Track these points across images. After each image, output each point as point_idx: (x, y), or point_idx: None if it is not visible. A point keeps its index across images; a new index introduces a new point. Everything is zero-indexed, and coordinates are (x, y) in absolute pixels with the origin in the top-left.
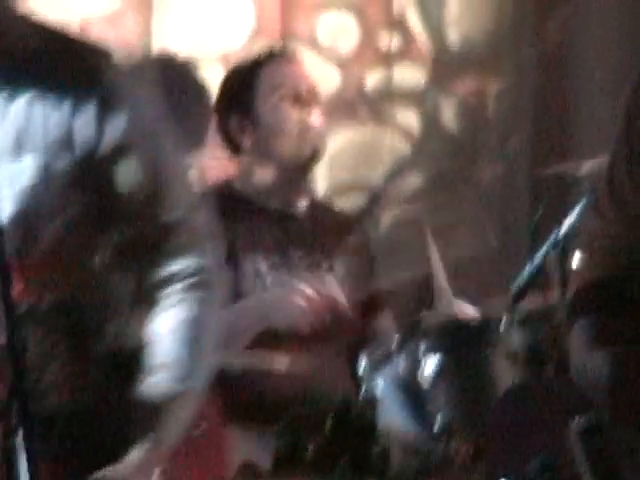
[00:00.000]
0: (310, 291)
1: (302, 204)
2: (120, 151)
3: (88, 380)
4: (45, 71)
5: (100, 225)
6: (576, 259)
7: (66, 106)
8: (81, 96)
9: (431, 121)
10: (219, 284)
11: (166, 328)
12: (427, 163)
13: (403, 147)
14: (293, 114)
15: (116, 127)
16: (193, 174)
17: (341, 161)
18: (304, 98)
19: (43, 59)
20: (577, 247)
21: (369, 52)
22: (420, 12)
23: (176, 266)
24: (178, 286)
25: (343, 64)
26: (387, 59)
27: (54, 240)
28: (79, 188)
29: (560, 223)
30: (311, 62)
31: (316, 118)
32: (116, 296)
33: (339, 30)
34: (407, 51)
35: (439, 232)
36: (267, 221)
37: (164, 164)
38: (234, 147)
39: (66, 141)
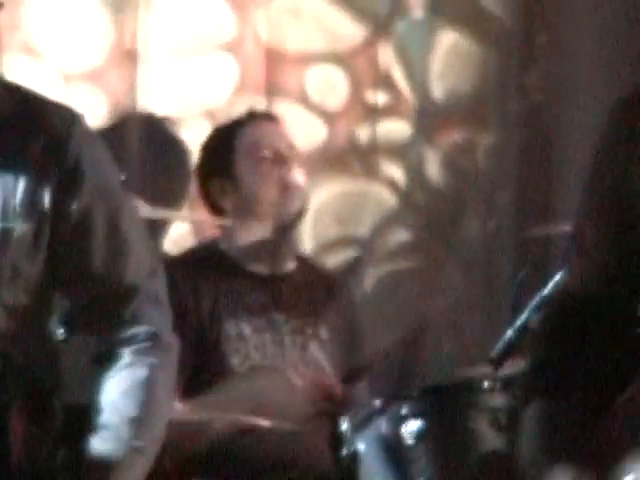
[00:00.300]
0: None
1: (287, 266)
2: (81, 216)
3: (40, 438)
4: (11, 135)
5: (58, 287)
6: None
7: (30, 171)
8: (45, 162)
9: (417, 175)
10: (171, 350)
11: (118, 389)
12: (413, 217)
13: (390, 201)
14: (273, 175)
15: (78, 193)
16: (161, 237)
17: (328, 214)
18: (284, 159)
19: (10, 123)
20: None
21: (357, 106)
22: (404, 68)
23: (131, 330)
24: (131, 349)
25: (330, 118)
26: (374, 113)
27: (10, 302)
28: (40, 252)
29: (543, 286)
30: (298, 116)
31: (297, 178)
32: (69, 357)
33: (326, 84)
34: (394, 106)
35: (422, 291)
36: (251, 283)
37: (125, 229)
38: (217, 209)
39: (28, 206)
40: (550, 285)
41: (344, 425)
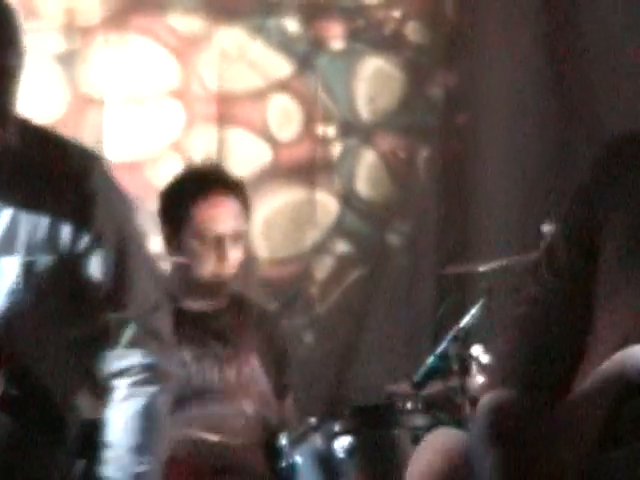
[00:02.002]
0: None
1: (221, 303)
2: (91, 250)
3: (50, 460)
4: (35, 175)
5: (67, 319)
6: (476, 351)
7: (51, 208)
8: (64, 199)
9: (351, 185)
10: (170, 379)
11: (118, 422)
12: (353, 224)
13: (333, 207)
14: (212, 254)
15: (89, 228)
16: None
17: (278, 221)
18: (223, 242)
19: (34, 164)
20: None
21: (303, 132)
22: (331, 94)
23: (126, 362)
24: (128, 381)
25: (276, 143)
26: (318, 138)
27: (27, 334)
28: (55, 285)
29: (459, 320)
30: (249, 141)
31: (233, 255)
32: (75, 385)
33: (279, 113)
34: (329, 129)
35: (353, 318)
36: (190, 318)
37: (132, 264)
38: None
39: (48, 242)
40: (466, 318)
41: (283, 440)
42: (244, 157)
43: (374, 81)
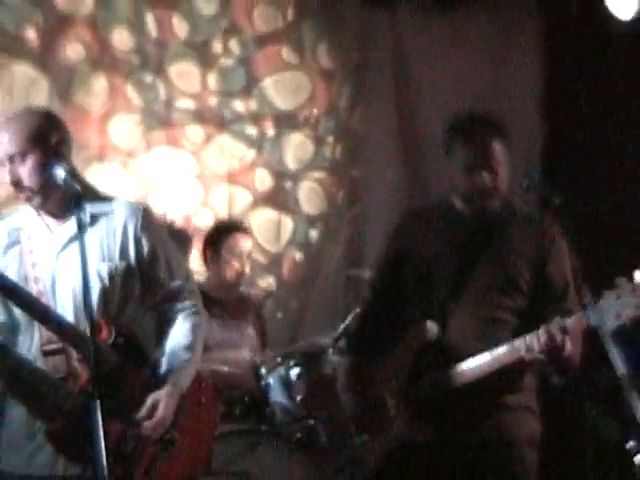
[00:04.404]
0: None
1: (233, 297)
2: (150, 256)
3: (139, 380)
4: (113, 217)
5: (145, 293)
6: None
7: (121, 235)
8: (128, 228)
9: (297, 209)
10: (203, 315)
11: (177, 333)
12: (303, 238)
13: (290, 225)
14: (237, 265)
15: (146, 246)
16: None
17: (261, 232)
18: (244, 259)
19: (114, 215)
20: None
21: (273, 186)
22: (272, 160)
23: (182, 304)
24: (184, 314)
25: (257, 191)
26: (281, 188)
27: (119, 305)
28: (131, 278)
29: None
30: (244, 193)
31: (247, 269)
32: (151, 325)
33: (262, 179)
34: (287, 183)
35: (301, 297)
36: (217, 304)
37: (173, 258)
38: (206, 265)
39: (123, 252)
40: (361, 306)
41: (262, 370)
42: (242, 200)
43: (296, 148)
